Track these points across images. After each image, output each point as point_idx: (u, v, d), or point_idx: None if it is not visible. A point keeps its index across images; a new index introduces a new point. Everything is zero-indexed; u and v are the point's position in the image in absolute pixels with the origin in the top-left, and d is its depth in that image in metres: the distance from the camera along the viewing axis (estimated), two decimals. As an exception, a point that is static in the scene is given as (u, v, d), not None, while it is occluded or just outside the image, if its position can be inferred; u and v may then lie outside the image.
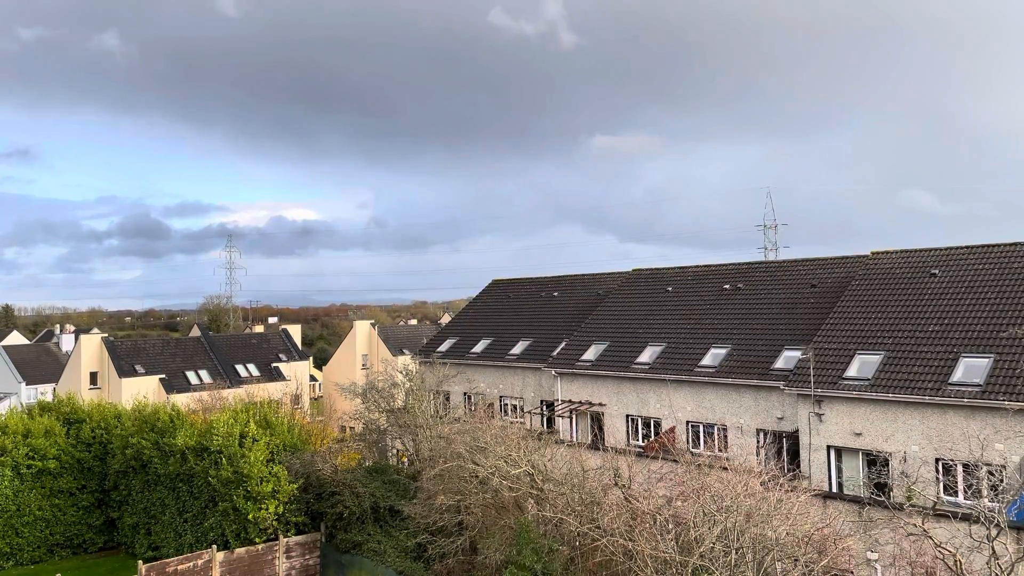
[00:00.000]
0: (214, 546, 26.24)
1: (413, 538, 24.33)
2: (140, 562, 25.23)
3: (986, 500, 17.33)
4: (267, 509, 26.51)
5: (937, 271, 28.90)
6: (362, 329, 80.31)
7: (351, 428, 43.95)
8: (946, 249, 30.09)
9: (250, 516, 26.33)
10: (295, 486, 27.31)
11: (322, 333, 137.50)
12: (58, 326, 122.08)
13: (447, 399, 42.63)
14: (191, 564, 25.54)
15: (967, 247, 29.57)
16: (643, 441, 32.97)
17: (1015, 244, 28.42)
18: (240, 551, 26.36)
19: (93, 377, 65.27)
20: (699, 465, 19.78)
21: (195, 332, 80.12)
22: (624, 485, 20.40)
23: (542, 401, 39.21)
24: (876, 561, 19.96)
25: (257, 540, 26.72)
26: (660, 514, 18.58)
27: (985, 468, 20.15)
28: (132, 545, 32.09)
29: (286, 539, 27.15)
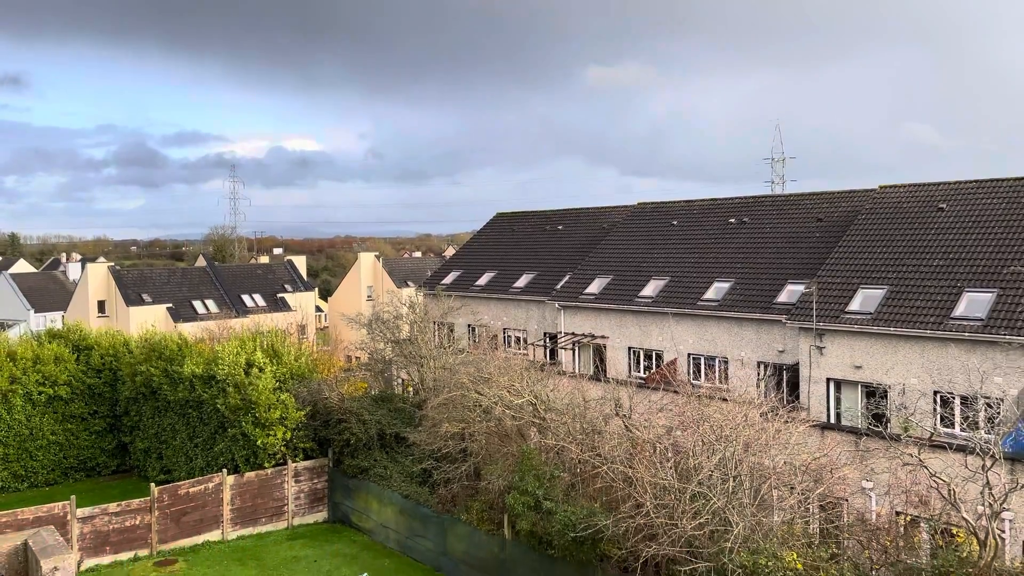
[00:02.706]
0: (224, 470, 26.89)
1: (418, 464, 24.90)
2: (152, 484, 25.91)
3: (982, 432, 17.61)
4: (275, 435, 27.05)
5: (945, 205, 28.70)
6: (367, 261, 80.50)
7: (357, 358, 44.50)
8: (955, 183, 29.82)
9: (259, 442, 26.89)
10: (302, 413, 27.80)
11: (327, 264, 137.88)
12: (64, 255, 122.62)
13: (451, 331, 43.01)
14: (202, 487, 26.22)
15: (975, 181, 29.29)
16: (644, 373, 33.36)
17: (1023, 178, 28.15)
18: (250, 475, 27.02)
19: (101, 306, 65.83)
20: (699, 396, 20.05)
21: (200, 262, 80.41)
22: (625, 415, 20.75)
23: (545, 333, 39.54)
24: (871, 490, 20.40)
25: (266, 465, 27.36)
26: (660, 443, 18.94)
27: (983, 400, 20.38)
28: (144, 469, 32.90)
29: (295, 464, 27.80)
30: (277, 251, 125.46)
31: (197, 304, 66.85)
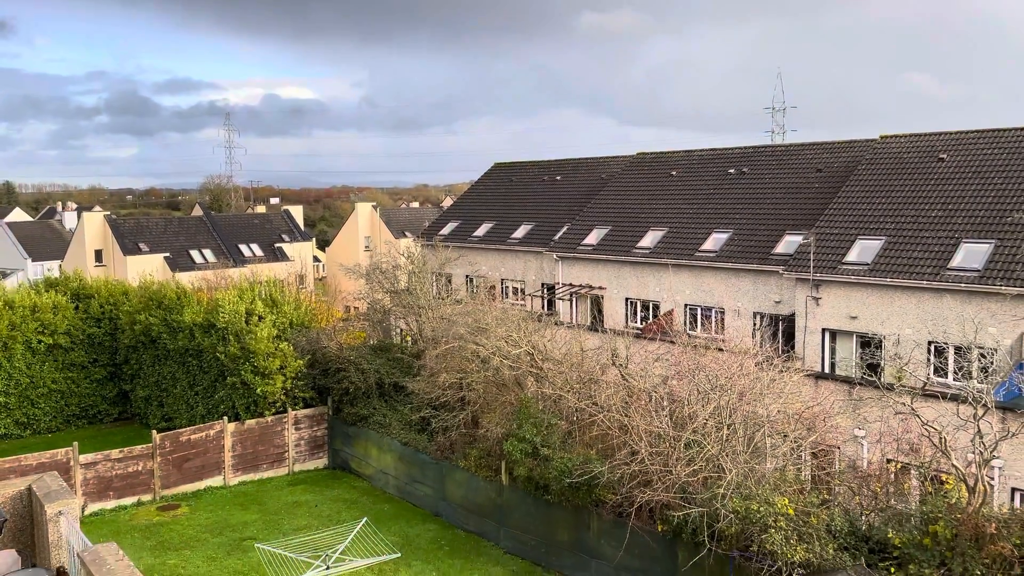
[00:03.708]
0: (225, 417, 27.17)
1: (417, 412, 25.19)
2: (154, 431, 26.21)
3: (975, 381, 17.81)
4: (275, 384, 27.28)
5: (945, 156, 28.53)
6: (364, 211, 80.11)
7: (355, 308, 44.63)
8: (956, 133, 29.59)
9: (258, 391, 27.13)
10: (302, 362, 27.99)
11: (324, 215, 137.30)
12: (59, 203, 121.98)
13: (449, 281, 43.07)
14: (204, 434, 26.54)
15: (977, 131, 29.07)
16: (641, 323, 33.54)
17: (1026, 129, 27.92)
18: (250, 422, 27.33)
19: (98, 255, 65.73)
20: (695, 346, 20.21)
21: (197, 211, 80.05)
22: (621, 364, 20.93)
23: (543, 284, 39.61)
24: (863, 438, 20.71)
25: (266, 413, 27.64)
26: (656, 392, 19.16)
27: (977, 351, 20.56)
28: (145, 416, 33.25)
29: (294, 412, 28.09)
30: (274, 201, 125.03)
31: (194, 253, 66.75)
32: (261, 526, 23.52)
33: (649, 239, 34.55)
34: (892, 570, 13.95)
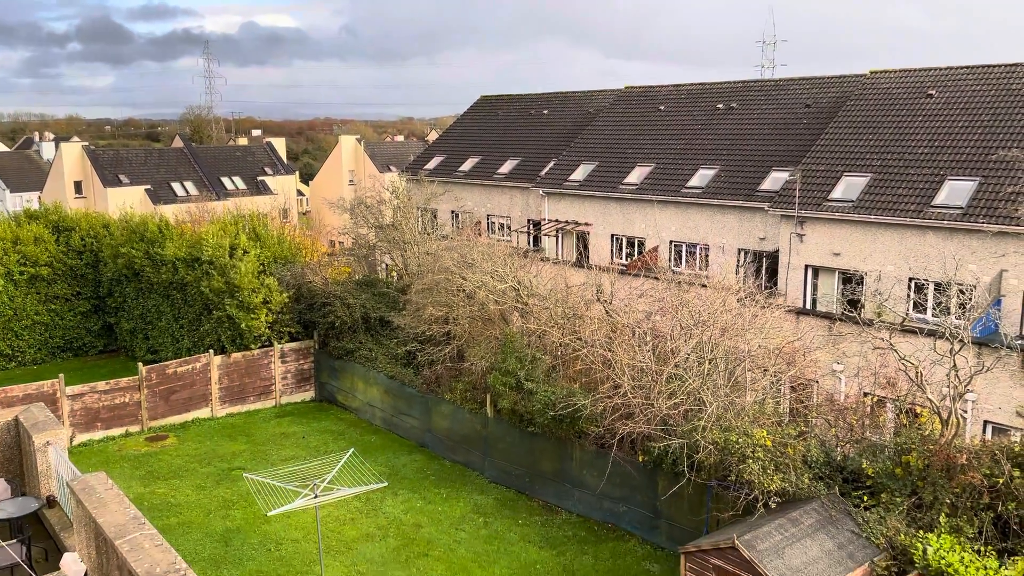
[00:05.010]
0: (211, 350, 27.27)
1: (403, 346, 25.37)
2: (140, 364, 26.29)
3: (953, 317, 18.09)
4: (259, 318, 27.31)
5: (934, 92, 28.35)
6: (348, 144, 79.06)
7: (340, 243, 44.45)
8: (946, 69, 29.34)
9: (243, 325, 27.16)
10: (286, 296, 27.98)
11: (307, 148, 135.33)
12: (36, 134, 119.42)
13: (435, 216, 42.85)
14: (190, 367, 26.66)
15: (967, 67, 28.83)
16: (627, 260, 33.65)
17: (1015, 65, 27.70)
18: (236, 355, 27.45)
19: (78, 186, 64.79)
20: (679, 283, 20.35)
21: (177, 143, 78.66)
22: (606, 300, 21.08)
23: (529, 220, 39.51)
24: (841, 372, 21.11)
25: (252, 346, 27.74)
26: (639, 327, 19.37)
27: (956, 287, 20.82)
28: (131, 349, 33.30)
29: (281, 345, 28.21)
30: (255, 133, 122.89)
31: (176, 186, 65.90)
32: (249, 457, 23.86)
33: (636, 175, 34.39)
34: (865, 498, 14.41)
